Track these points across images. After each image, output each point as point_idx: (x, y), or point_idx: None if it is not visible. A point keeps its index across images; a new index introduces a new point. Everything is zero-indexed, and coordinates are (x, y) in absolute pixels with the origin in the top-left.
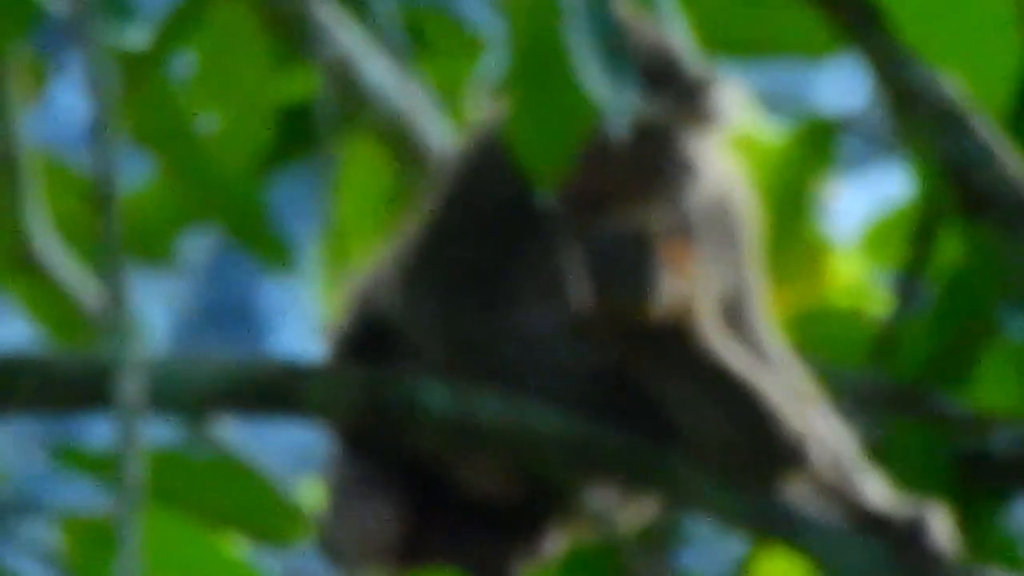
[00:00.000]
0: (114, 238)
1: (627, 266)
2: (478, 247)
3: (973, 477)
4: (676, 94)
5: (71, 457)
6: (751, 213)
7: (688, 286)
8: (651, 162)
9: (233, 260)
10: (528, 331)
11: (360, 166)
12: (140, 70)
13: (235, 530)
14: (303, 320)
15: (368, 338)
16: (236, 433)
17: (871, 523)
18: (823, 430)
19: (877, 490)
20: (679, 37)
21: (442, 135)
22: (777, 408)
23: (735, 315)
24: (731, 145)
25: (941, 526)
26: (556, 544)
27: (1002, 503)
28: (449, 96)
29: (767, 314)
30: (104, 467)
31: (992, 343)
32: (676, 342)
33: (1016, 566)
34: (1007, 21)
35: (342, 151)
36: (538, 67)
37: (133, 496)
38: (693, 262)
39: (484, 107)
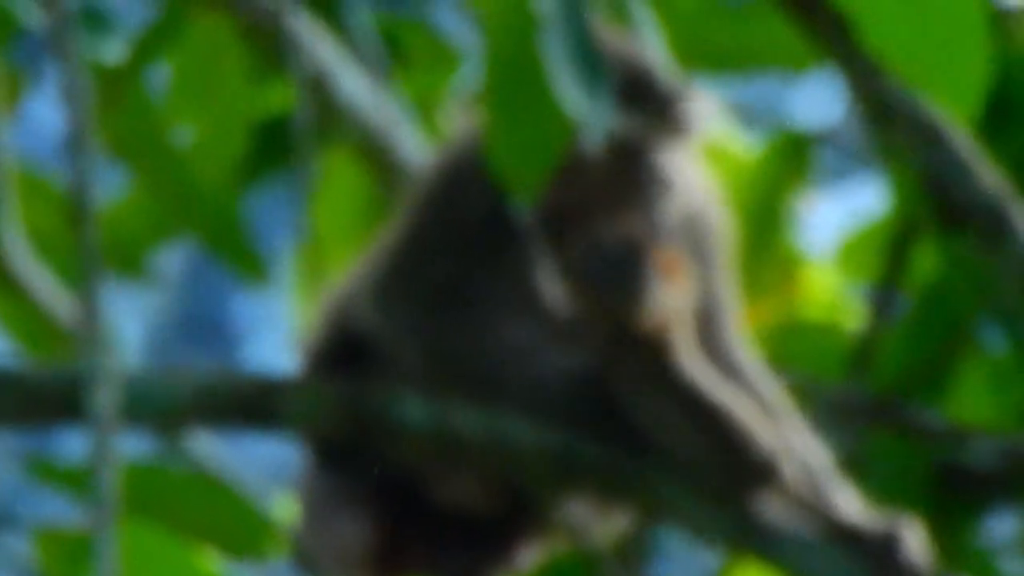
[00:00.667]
0: (91, 250)
1: (621, 273)
2: (455, 260)
3: (950, 489)
4: (649, 107)
5: (46, 471)
6: (725, 226)
7: (679, 296)
8: (625, 176)
9: (208, 273)
10: (507, 344)
11: (337, 179)
12: (116, 83)
13: (210, 544)
14: (277, 332)
15: (343, 351)
16: (211, 446)
17: (845, 536)
18: (797, 445)
19: (852, 504)
20: (654, 50)
21: (418, 148)
22: (749, 426)
23: (708, 328)
24: (706, 158)
25: (916, 539)
26: (532, 556)
27: (978, 516)
28: (425, 108)
29: (741, 327)
30: (79, 480)
31: (968, 356)
32: (655, 355)
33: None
34: (977, 36)
35: (320, 164)
36: (514, 80)
37: (108, 509)
38: (683, 273)
39: (460, 119)
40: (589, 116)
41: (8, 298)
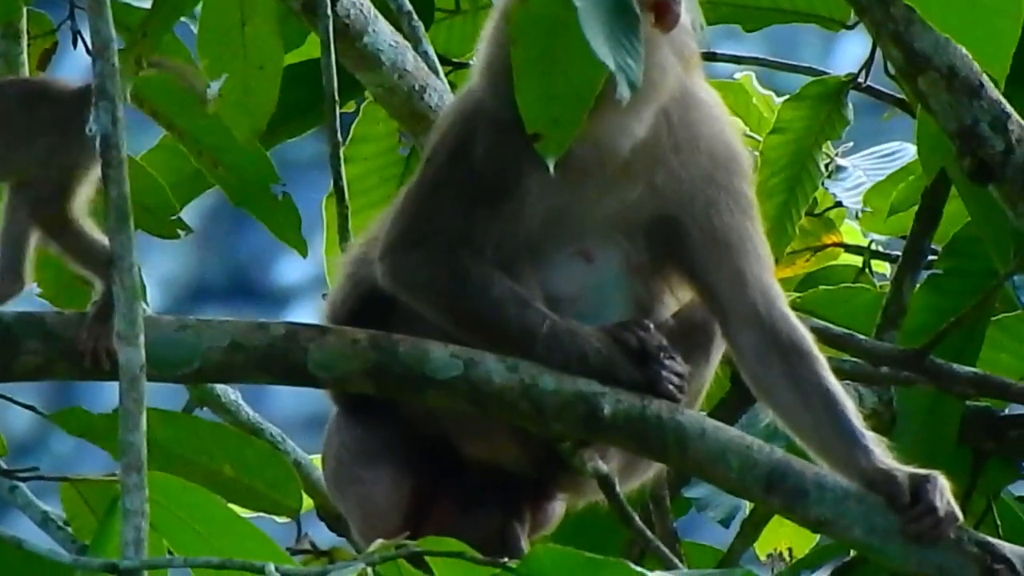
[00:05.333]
0: (121, 200)
1: None
2: (462, 209)
3: (983, 444)
4: None
5: (74, 421)
6: (751, 172)
7: None
8: None
9: (238, 231)
10: (515, 295)
11: (370, 131)
12: (145, 36)
13: (238, 495)
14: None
15: (367, 305)
16: (239, 399)
17: (878, 483)
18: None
19: (881, 454)
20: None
21: (447, 97)
22: None
23: (738, 272)
24: (737, 109)
25: (944, 489)
26: (561, 511)
27: (1012, 472)
28: (455, 58)
29: (771, 272)
30: (106, 431)
31: (997, 309)
32: None
33: (1020, 532)
34: None
35: (353, 116)
36: (545, 32)
37: (137, 460)
38: None
39: (472, 70)
40: (620, 68)
41: (38, 252)
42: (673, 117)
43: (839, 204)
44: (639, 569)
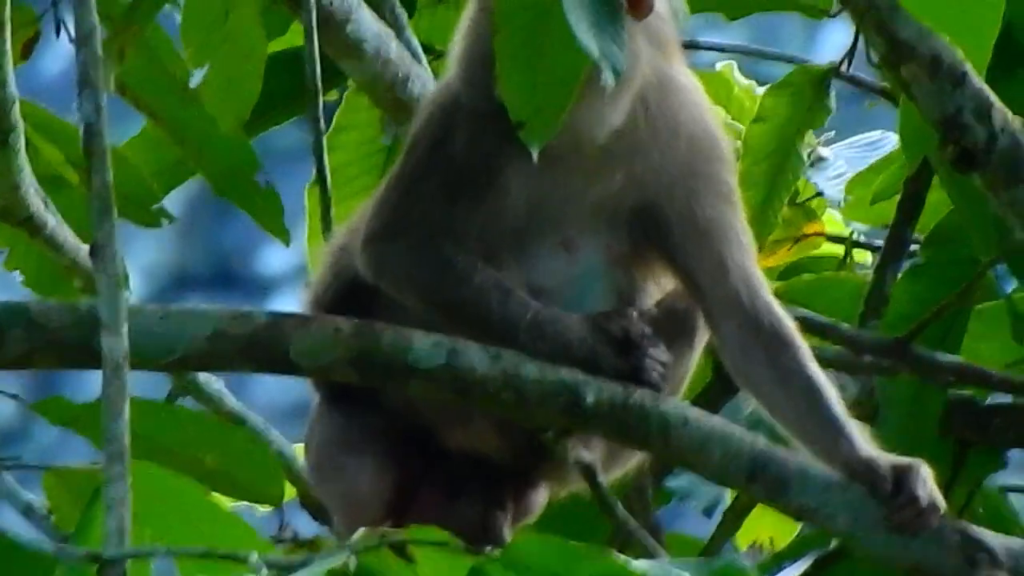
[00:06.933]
0: (103, 189)
1: None
2: (441, 198)
3: (966, 433)
4: None
5: (56, 410)
6: (732, 159)
7: None
8: None
9: (221, 219)
10: (496, 283)
11: (353, 119)
12: (129, 24)
13: (220, 484)
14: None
15: (350, 292)
16: (222, 388)
17: (861, 472)
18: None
19: (864, 442)
20: None
21: (430, 86)
22: None
23: (721, 259)
24: (719, 97)
25: (927, 478)
26: (544, 499)
27: (994, 453)
28: (438, 46)
29: (753, 259)
30: (88, 421)
31: (980, 298)
32: None
33: (1002, 521)
34: None
35: (336, 104)
36: (528, 20)
37: (119, 449)
38: None
39: (450, 60)
40: (604, 55)
41: (22, 241)
42: (651, 104)
43: (821, 193)
44: (622, 558)
